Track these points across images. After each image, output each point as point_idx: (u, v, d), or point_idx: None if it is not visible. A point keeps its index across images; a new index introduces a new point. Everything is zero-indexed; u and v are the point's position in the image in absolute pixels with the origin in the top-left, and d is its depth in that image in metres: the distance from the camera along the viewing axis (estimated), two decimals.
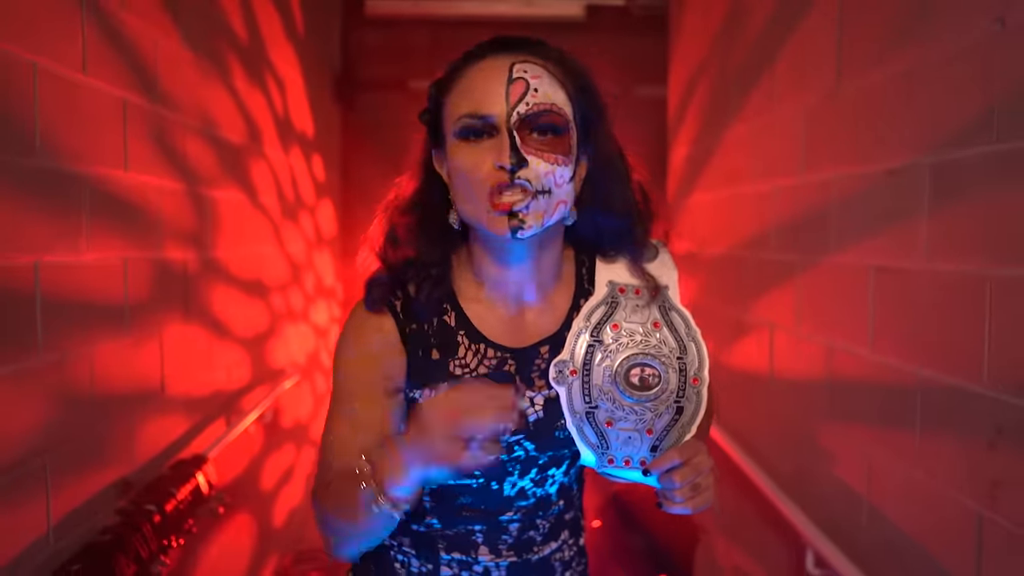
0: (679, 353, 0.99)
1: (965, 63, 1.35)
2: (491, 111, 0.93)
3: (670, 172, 3.49)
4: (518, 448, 1.02)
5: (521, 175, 0.91)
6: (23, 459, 1.34)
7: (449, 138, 0.98)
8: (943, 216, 1.40)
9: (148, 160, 1.80)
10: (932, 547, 1.43)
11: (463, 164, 0.95)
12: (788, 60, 2.13)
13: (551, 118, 0.94)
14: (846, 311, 1.76)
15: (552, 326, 1.04)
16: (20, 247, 1.33)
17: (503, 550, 1.08)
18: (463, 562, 1.08)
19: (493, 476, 1.04)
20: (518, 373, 1.02)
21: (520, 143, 0.92)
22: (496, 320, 1.04)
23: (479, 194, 0.93)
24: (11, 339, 1.32)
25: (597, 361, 0.97)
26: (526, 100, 0.92)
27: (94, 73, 1.55)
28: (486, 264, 1.03)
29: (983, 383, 1.28)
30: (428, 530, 1.09)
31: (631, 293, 1.02)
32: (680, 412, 0.98)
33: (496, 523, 1.07)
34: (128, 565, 1.49)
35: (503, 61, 0.95)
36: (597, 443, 0.97)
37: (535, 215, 0.93)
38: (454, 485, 1.05)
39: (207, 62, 2.15)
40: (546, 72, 0.95)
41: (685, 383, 0.98)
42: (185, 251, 2.01)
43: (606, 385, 0.97)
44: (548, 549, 1.12)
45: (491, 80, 0.94)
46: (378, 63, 3.79)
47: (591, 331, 0.99)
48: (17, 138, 1.33)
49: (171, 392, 1.92)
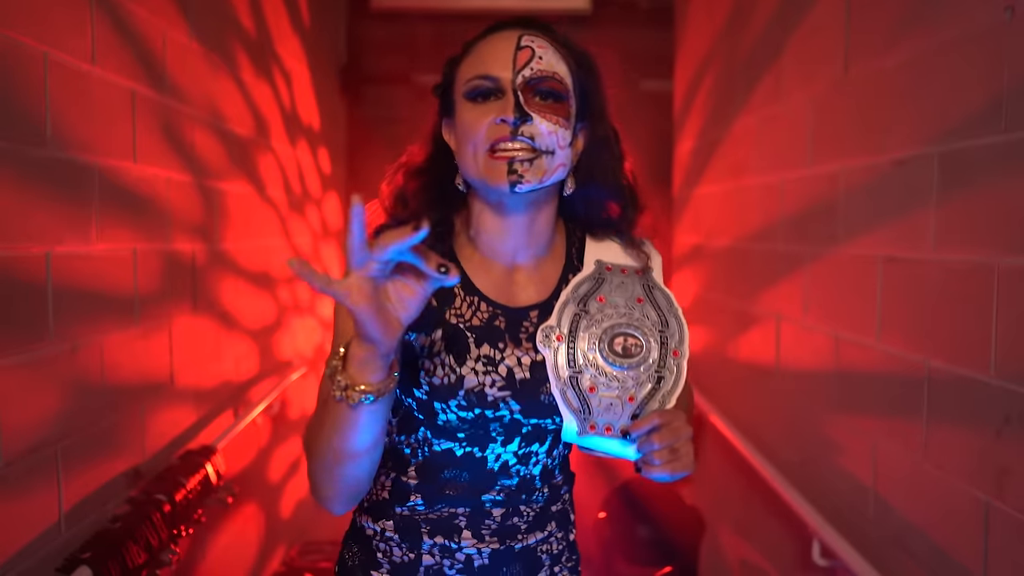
0: (661, 327, 1.03)
1: (974, 52, 1.34)
2: (498, 73, 1.00)
3: (676, 165, 3.49)
4: (504, 407, 1.03)
5: (524, 131, 0.97)
6: (35, 447, 1.35)
7: (458, 101, 1.04)
8: (952, 206, 1.40)
9: (157, 152, 1.80)
10: (939, 537, 1.43)
11: (469, 119, 1.01)
12: (795, 51, 2.12)
13: (552, 84, 1.00)
14: (853, 302, 1.76)
15: (542, 293, 1.09)
16: (32, 237, 1.34)
17: (486, 535, 1.09)
18: (445, 548, 1.08)
19: (476, 440, 1.05)
20: (507, 331, 1.05)
21: (523, 101, 0.98)
22: (490, 278, 1.09)
23: (480, 146, 0.99)
24: (23, 328, 1.33)
25: (583, 328, 1.02)
26: (531, 65, 0.99)
27: (103, 64, 1.56)
28: (483, 222, 1.08)
29: (990, 373, 1.28)
30: (412, 513, 1.09)
31: (617, 272, 1.08)
32: (660, 382, 1.01)
33: (479, 505, 1.08)
34: (138, 553, 1.50)
35: (513, 32, 1.03)
36: (579, 408, 0.99)
37: (536, 172, 0.98)
38: (440, 453, 1.06)
39: (215, 54, 2.15)
40: (551, 46, 1.02)
41: (666, 354, 1.02)
42: (193, 243, 2.02)
43: (590, 352, 1.01)
44: (533, 539, 1.12)
45: (500, 47, 1.01)
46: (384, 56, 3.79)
47: (578, 302, 1.04)
48: (28, 128, 1.34)
49: (180, 383, 1.93)
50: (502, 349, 1.04)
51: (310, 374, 3.20)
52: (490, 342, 1.04)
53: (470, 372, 1.02)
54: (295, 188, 3.00)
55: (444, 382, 1.02)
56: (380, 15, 3.75)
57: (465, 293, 1.07)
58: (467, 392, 1.02)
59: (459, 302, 1.06)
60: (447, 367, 1.03)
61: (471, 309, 1.06)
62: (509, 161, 0.97)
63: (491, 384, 1.02)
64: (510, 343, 1.05)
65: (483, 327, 1.05)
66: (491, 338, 1.04)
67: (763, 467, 2.12)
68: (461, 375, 1.02)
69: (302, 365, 2.98)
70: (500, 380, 1.02)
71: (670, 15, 3.61)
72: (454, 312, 1.06)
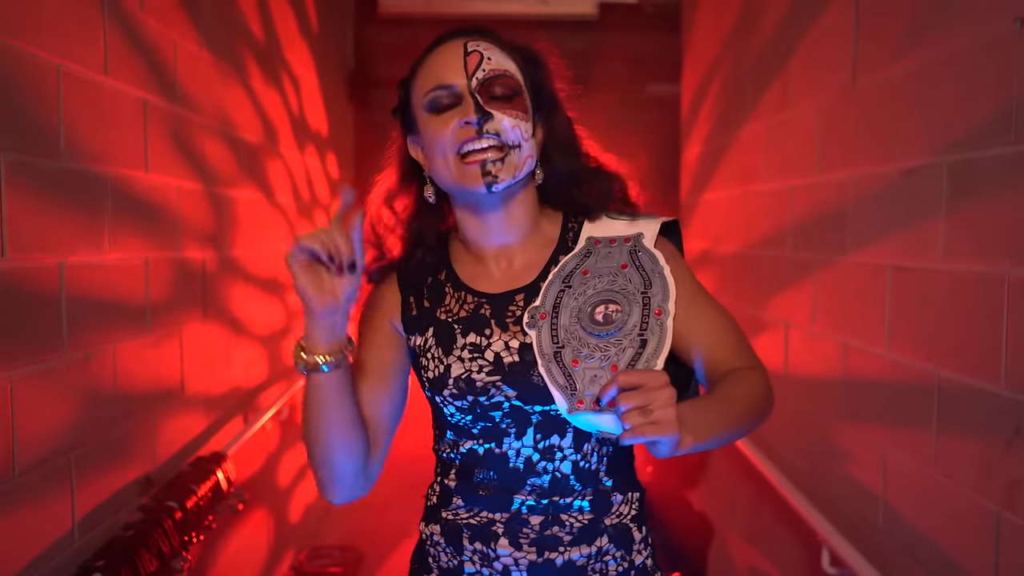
0: (643, 288, 1.01)
1: (983, 63, 1.35)
2: (453, 80, 1.03)
3: (683, 170, 3.49)
4: (497, 393, 1.03)
5: (488, 128, 1.00)
6: (49, 456, 1.36)
7: (419, 115, 1.07)
8: (961, 216, 1.40)
9: (168, 160, 1.82)
10: (949, 547, 1.43)
11: (433, 131, 1.04)
12: (803, 58, 2.12)
13: (506, 81, 1.04)
14: (862, 310, 1.76)
15: (529, 277, 1.10)
16: (46, 248, 1.35)
17: (524, 544, 1.06)
18: (484, 555, 1.07)
19: (491, 437, 1.06)
20: (492, 317, 1.07)
21: (482, 101, 1.01)
22: (478, 272, 1.12)
23: (449, 152, 1.02)
24: (38, 338, 1.34)
25: (565, 303, 1.02)
26: (482, 67, 1.03)
27: (115, 74, 1.57)
28: (465, 221, 1.11)
29: (1000, 383, 1.28)
30: (455, 518, 1.10)
31: (605, 243, 1.08)
32: (644, 345, 0.96)
33: (515, 512, 1.06)
34: (150, 561, 1.51)
35: (457, 42, 1.06)
36: (565, 384, 0.96)
37: (508, 168, 1.01)
38: (467, 454, 1.08)
39: (225, 63, 2.17)
40: (496, 47, 1.06)
41: (648, 315, 0.98)
42: (204, 250, 2.03)
43: (572, 325, 1.00)
44: (578, 554, 1.06)
45: (449, 57, 1.05)
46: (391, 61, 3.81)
47: (563, 279, 1.04)
48: (42, 140, 1.35)
49: (191, 390, 1.94)
50: (488, 335, 1.06)
51: None
52: (476, 330, 1.06)
53: (456, 361, 1.05)
54: (303, 194, 3.01)
55: (435, 374, 1.06)
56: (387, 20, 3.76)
57: (454, 290, 1.11)
58: (455, 380, 1.04)
59: (448, 299, 1.10)
60: (436, 360, 1.07)
61: (459, 303, 1.10)
62: (481, 164, 1.00)
63: (478, 370, 1.04)
64: (497, 328, 1.06)
65: (469, 317, 1.08)
66: (477, 326, 1.07)
67: (772, 474, 2.12)
68: (448, 364, 1.05)
69: None
70: (488, 365, 1.04)
71: (676, 20, 3.61)
72: (444, 309, 1.10)
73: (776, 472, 2.12)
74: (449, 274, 1.13)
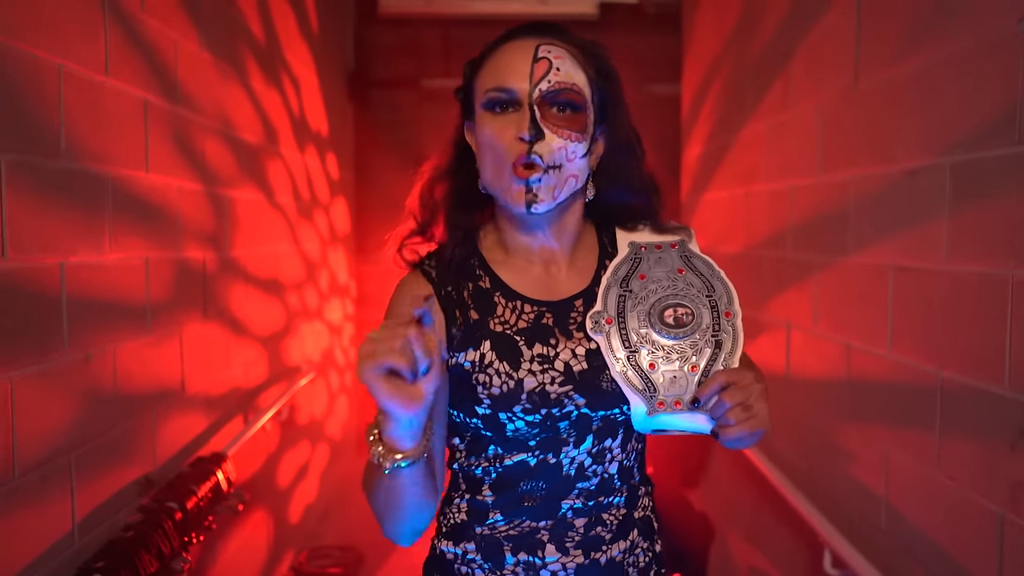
0: (708, 291, 1.02)
1: (986, 63, 1.34)
2: (515, 85, 0.99)
3: (684, 170, 3.48)
4: (569, 403, 1.01)
5: (537, 149, 0.97)
6: (50, 457, 1.36)
7: (478, 110, 1.04)
8: (964, 217, 1.40)
9: (169, 161, 1.81)
10: (952, 549, 1.43)
11: (489, 132, 1.01)
12: (804, 58, 2.12)
13: (570, 95, 1.00)
14: (864, 311, 1.75)
15: (582, 283, 1.09)
16: (47, 248, 1.35)
17: (570, 548, 1.06)
18: (529, 564, 1.06)
19: (548, 446, 1.04)
20: (556, 326, 1.04)
21: (540, 117, 0.98)
22: (528, 279, 1.09)
23: (502, 163, 1.00)
24: (38, 339, 1.33)
25: (630, 308, 1.01)
26: (548, 78, 0.99)
27: (116, 75, 1.57)
28: (511, 232, 1.09)
29: (1004, 385, 1.28)
30: (492, 531, 1.07)
31: (652, 249, 1.07)
32: (719, 346, 0.98)
33: (560, 515, 1.05)
34: (150, 562, 1.51)
35: (530, 42, 1.02)
36: (643, 388, 0.97)
37: (547, 189, 0.99)
38: (512, 466, 1.05)
39: (225, 63, 2.16)
40: (568, 54, 1.02)
41: (719, 317, 1.00)
42: (204, 251, 2.03)
43: (642, 328, 0.99)
44: (617, 550, 1.09)
45: (517, 58, 1.01)
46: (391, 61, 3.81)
47: (620, 283, 1.03)
48: (43, 140, 1.34)
49: (191, 390, 1.94)
50: (555, 345, 1.03)
51: (319, 379, 3.20)
52: (541, 340, 1.03)
53: (527, 374, 1.01)
54: (304, 194, 3.01)
55: (503, 390, 1.01)
56: (388, 20, 3.76)
57: (507, 300, 1.06)
58: (529, 394, 1.00)
59: (501, 309, 1.06)
60: (503, 375, 1.01)
61: (515, 313, 1.05)
62: (527, 182, 0.98)
63: (551, 381, 1.01)
64: (561, 337, 1.04)
65: (531, 327, 1.04)
66: (542, 336, 1.03)
67: (773, 475, 2.12)
68: (519, 379, 1.01)
69: (311, 370, 2.99)
70: (559, 375, 1.01)
71: (677, 20, 3.61)
72: (498, 320, 1.05)
73: (777, 473, 2.11)
74: (495, 281, 1.08)
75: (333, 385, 3.46)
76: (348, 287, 3.76)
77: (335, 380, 3.49)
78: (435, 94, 3.74)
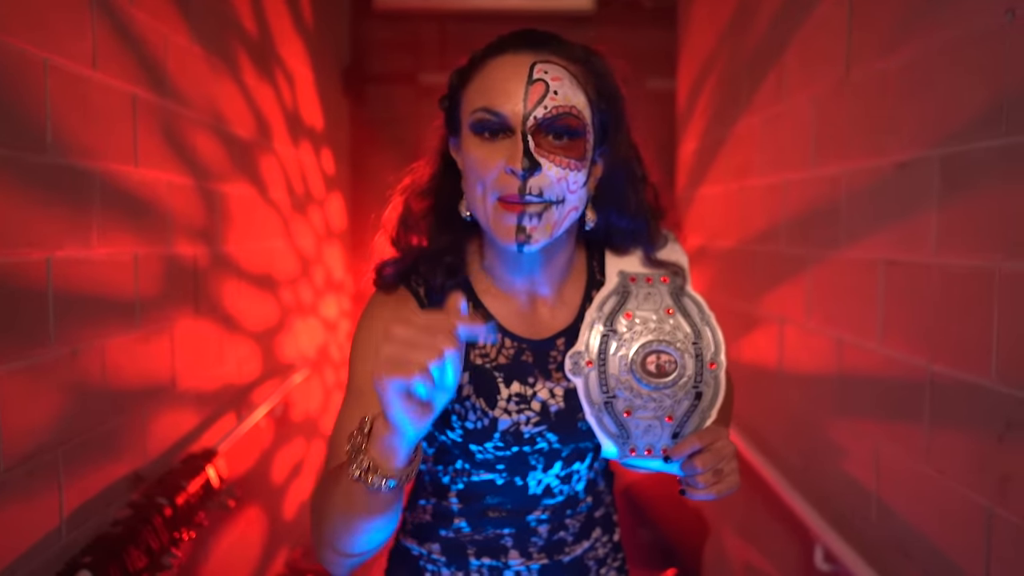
0: (694, 338, 0.97)
1: (975, 55, 1.34)
2: (507, 110, 0.90)
3: (679, 165, 3.48)
4: (540, 440, 1.00)
5: (532, 183, 0.88)
6: (36, 452, 1.35)
7: (464, 129, 0.95)
8: (953, 209, 1.40)
9: (158, 155, 1.81)
10: (941, 542, 1.42)
11: (475, 159, 0.92)
12: (798, 51, 2.11)
13: (568, 121, 0.90)
14: (855, 305, 1.75)
15: (566, 319, 1.04)
16: (32, 243, 1.35)
17: (533, 553, 1.07)
18: (493, 567, 1.06)
19: (516, 471, 1.03)
20: (535, 365, 1.01)
21: (534, 146, 0.89)
22: (511, 312, 1.03)
23: (487, 196, 0.91)
24: (24, 334, 1.33)
25: (612, 351, 0.96)
26: (544, 103, 0.89)
27: (104, 69, 1.56)
28: (496, 262, 1.02)
29: (992, 378, 1.27)
30: (457, 535, 1.07)
31: (642, 282, 1.00)
32: (699, 397, 0.96)
33: (524, 524, 1.06)
34: (139, 557, 1.51)
35: (524, 58, 0.92)
36: (617, 433, 0.96)
37: (544, 228, 0.91)
38: (479, 482, 1.04)
39: (216, 57, 2.15)
40: (567, 74, 0.92)
41: (702, 368, 0.96)
42: (195, 246, 2.02)
43: (623, 374, 0.96)
44: (580, 549, 1.10)
45: (510, 78, 0.90)
46: (387, 56, 3.79)
47: (604, 321, 0.98)
48: (29, 134, 1.34)
49: (182, 386, 1.93)
50: (532, 384, 0.99)
51: (313, 376, 3.20)
52: (520, 379, 0.99)
53: (503, 413, 0.98)
54: (298, 189, 3.00)
55: (477, 426, 0.98)
56: (383, 15, 3.75)
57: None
58: (503, 433, 0.98)
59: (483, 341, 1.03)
60: (479, 411, 0.98)
61: (495, 347, 1.01)
62: (518, 217, 0.90)
63: (526, 421, 0.99)
64: (540, 376, 1.00)
65: (510, 364, 1.00)
66: (520, 374, 1.00)
67: (766, 470, 2.11)
68: (494, 417, 0.98)
69: (305, 367, 2.99)
70: (535, 416, 0.99)
71: (673, 14, 3.60)
72: (479, 352, 1.01)
73: (771, 468, 2.11)
74: (477, 308, 1.02)
75: (328, 381, 3.46)
76: (344, 283, 3.76)
77: (330, 376, 3.49)
78: (432, 89, 3.72)
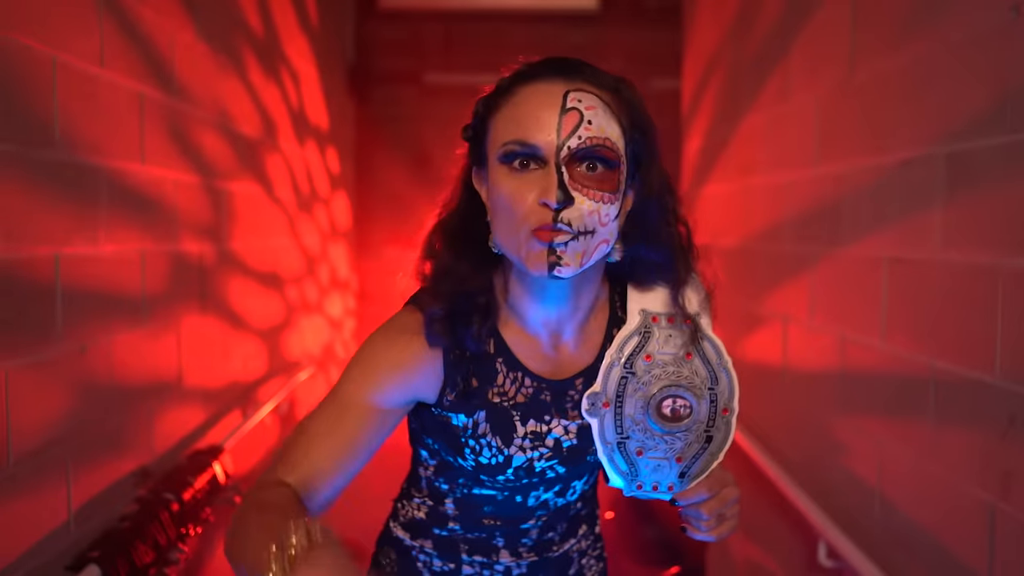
0: (710, 383, 0.98)
1: (979, 52, 1.34)
2: (541, 141, 0.87)
3: (684, 164, 3.48)
4: (550, 472, 1.03)
5: (564, 217, 0.86)
6: (44, 448, 1.36)
7: (492, 160, 0.92)
8: (957, 207, 1.40)
9: (165, 153, 1.82)
10: (945, 538, 1.43)
11: (506, 192, 0.89)
12: (802, 50, 2.12)
13: (603, 152, 0.87)
14: (859, 303, 1.75)
15: (587, 358, 1.03)
16: (40, 239, 1.36)
17: (523, 552, 1.11)
18: (484, 563, 1.11)
19: (518, 491, 1.06)
20: (552, 404, 1.01)
21: (568, 178, 0.86)
22: (533, 350, 1.01)
23: (520, 229, 0.88)
24: (32, 330, 1.34)
25: (629, 392, 0.97)
26: (578, 133, 0.87)
27: (111, 66, 1.57)
28: (522, 298, 0.99)
29: (996, 374, 1.27)
30: (450, 535, 1.11)
31: (664, 322, 0.99)
32: (710, 441, 0.99)
33: (516, 529, 1.10)
34: (146, 552, 1.52)
35: (557, 87, 0.89)
36: (627, 471, 0.98)
37: (574, 255, 0.88)
38: (477, 495, 1.07)
39: (223, 55, 2.16)
40: (601, 103, 0.89)
41: (715, 413, 0.98)
42: (201, 244, 2.03)
43: (638, 416, 0.97)
44: (567, 545, 1.15)
45: (543, 107, 0.88)
46: (392, 56, 3.81)
47: (623, 362, 0.97)
48: (37, 131, 1.35)
49: (188, 383, 1.95)
50: (548, 421, 1.00)
51: (319, 374, 3.21)
52: (536, 417, 0.99)
53: (517, 451, 0.99)
54: (303, 188, 3.02)
55: (492, 462, 0.99)
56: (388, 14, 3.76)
57: (508, 369, 0.99)
58: (516, 469, 1.00)
59: (502, 379, 0.99)
60: (494, 448, 0.98)
61: (514, 386, 0.99)
62: (550, 245, 0.87)
63: (539, 457, 1.00)
64: (556, 415, 1.00)
65: (528, 403, 0.99)
66: (537, 413, 0.99)
67: (769, 467, 2.12)
68: (509, 455, 0.99)
69: (310, 365, 3.00)
70: (548, 452, 1.01)
71: (678, 14, 3.60)
72: (496, 391, 0.99)
73: (774, 465, 2.11)
74: (499, 346, 1.00)
75: (333, 379, 3.46)
76: (349, 282, 3.77)
77: (335, 374, 3.50)
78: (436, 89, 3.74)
